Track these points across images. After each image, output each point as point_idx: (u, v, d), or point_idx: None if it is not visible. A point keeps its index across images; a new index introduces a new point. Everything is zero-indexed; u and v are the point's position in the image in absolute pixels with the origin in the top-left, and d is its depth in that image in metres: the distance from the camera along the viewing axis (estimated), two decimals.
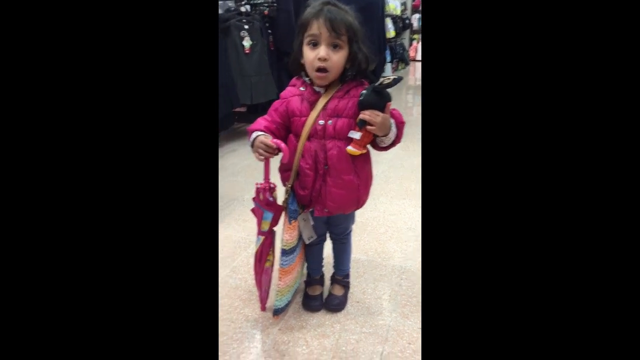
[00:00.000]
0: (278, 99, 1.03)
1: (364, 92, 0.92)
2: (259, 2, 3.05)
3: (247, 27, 2.81)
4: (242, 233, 1.68)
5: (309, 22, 0.91)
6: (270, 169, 1.03)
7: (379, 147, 0.99)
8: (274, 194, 1.04)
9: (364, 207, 1.08)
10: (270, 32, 3.06)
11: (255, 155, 0.96)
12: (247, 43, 2.81)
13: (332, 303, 1.19)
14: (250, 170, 2.44)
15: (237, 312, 1.20)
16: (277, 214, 1.04)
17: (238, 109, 3.21)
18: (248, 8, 2.97)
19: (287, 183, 1.02)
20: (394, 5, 6.46)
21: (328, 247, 1.24)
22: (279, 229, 1.08)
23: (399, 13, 6.74)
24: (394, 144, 0.98)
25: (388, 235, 1.62)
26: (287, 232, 1.03)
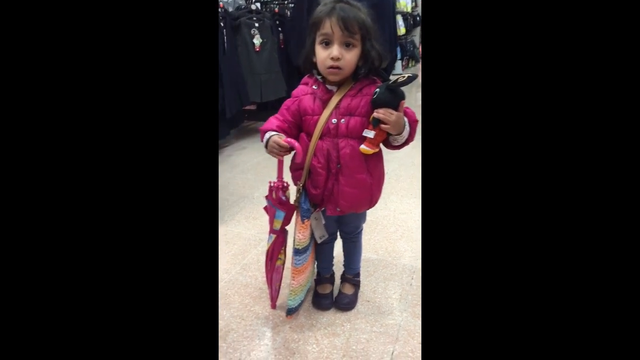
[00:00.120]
0: (288, 97, 1.03)
1: (378, 90, 0.91)
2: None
3: (257, 25, 2.82)
4: (252, 231, 1.68)
5: (322, 20, 0.90)
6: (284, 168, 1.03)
7: (392, 145, 0.98)
8: (287, 193, 1.04)
9: (375, 205, 1.07)
10: (281, 30, 3.06)
11: (273, 154, 0.97)
12: (257, 41, 2.82)
13: (342, 302, 1.19)
14: (260, 168, 2.44)
15: (247, 309, 1.20)
16: (289, 213, 1.04)
17: (248, 107, 3.23)
18: (258, 6, 2.97)
19: (298, 182, 1.02)
20: (405, 2, 6.40)
21: (338, 245, 1.23)
22: (291, 228, 1.08)
23: (410, 10, 6.68)
24: (407, 143, 0.97)
25: (399, 234, 1.61)
26: (299, 231, 1.03)
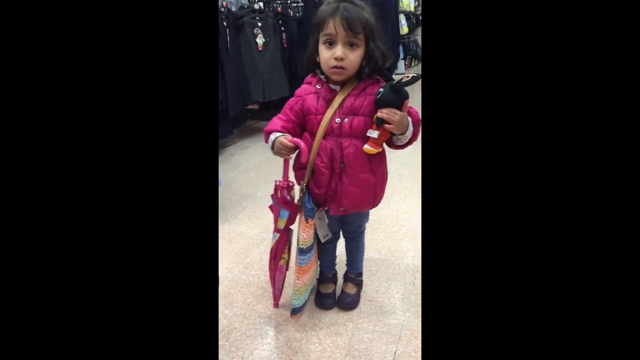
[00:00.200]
0: (290, 97, 1.03)
1: (382, 90, 0.91)
2: None
3: (260, 24, 2.82)
4: (255, 230, 1.68)
5: (325, 20, 0.90)
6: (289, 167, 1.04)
7: (395, 145, 0.98)
8: (292, 193, 1.04)
9: (378, 205, 1.07)
10: (283, 29, 3.06)
11: (280, 155, 0.98)
12: (260, 40, 2.82)
13: (344, 301, 1.19)
14: (263, 167, 2.45)
15: (250, 308, 1.20)
16: (293, 213, 1.04)
17: (250, 106, 3.23)
18: (261, 5, 2.97)
19: (302, 181, 1.02)
20: (408, 2, 6.39)
21: (341, 245, 1.24)
22: (294, 228, 1.08)
23: (413, 9, 6.67)
24: (410, 142, 0.97)
25: (401, 234, 1.61)
26: (303, 230, 1.03)
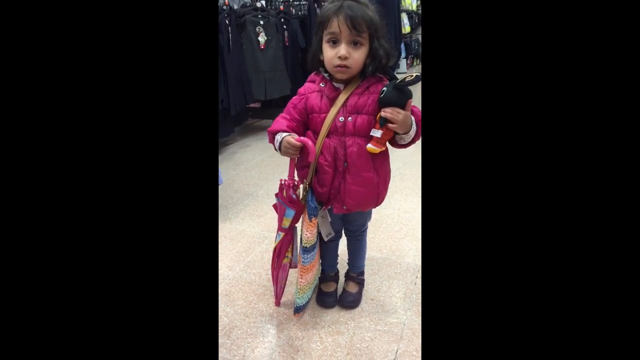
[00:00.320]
0: (292, 95, 1.03)
1: (385, 89, 0.91)
2: None
3: (262, 22, 2.81)
4: (256, 228, 1.69)
5: (329, 19, 0.89)
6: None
7: (398, 144, 0.98)
8: (298, 192, 1.04)
9: (381, 204, 1.07)
10: (285, 27, 3.06)
11: (288, 155, 0.98)
12: (262, 38, 2.81)
13: (346, 300, 1.19)
14: (264, 166, 2.45)
15: (251, 306, 1.21)
16: (298, 212, 1.04)
17: (252, 105, 3.23)
18: (263, 3, 2.97)
19: (305, 180, 1.02)
20: (410, 0, 6.38)
21: (342, 244, 1.23)
22: (298, 226, 1.08)
23: (415, 8, 6.65)
24: (413, 141, 0.97)
25: (403, 233, 1.61)
26: (307, 229, 1.03)
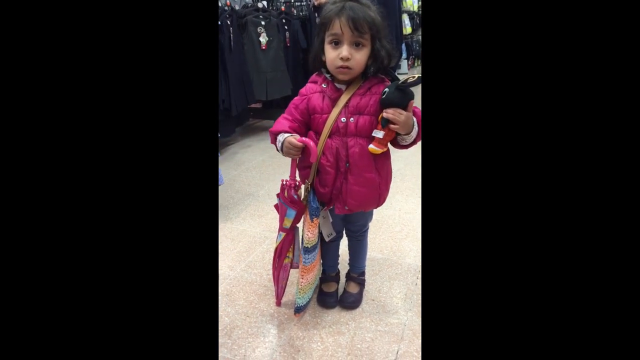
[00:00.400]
0: (293, 96, 1.03)
1: (387, 90, 0.91)
2: None
3: (264, 23, 2.82)
4: (257, 228, 1.69)
5: (331, 20, 0.89)
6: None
7: (400, 145, 0.98)
8: (299, 192, 1.04)
9: (382, 204, 1.07)
10: (287, 28, 3.06)
11: (290, 155, 0.98)
12: (263, 39, 2.82)
13: (347, 300, 1.19)
14: (265, 166, 2.45)
15: (252, 306, 1.21)
16: (300, 212, 1.04)
17: (253, 105, 3.23)
18: (265, 4, 2.97)
19: (306, 180, 1.02)
20: (411, 1, 6.38)
21: (343, 244, 1.24)
22: (299, 226, 1.08)
23: (416, 9, 6.65)
24: (415, 142, 0.97)
25: (404, 234, 1.61)
26: (308, 230, 1.03)
